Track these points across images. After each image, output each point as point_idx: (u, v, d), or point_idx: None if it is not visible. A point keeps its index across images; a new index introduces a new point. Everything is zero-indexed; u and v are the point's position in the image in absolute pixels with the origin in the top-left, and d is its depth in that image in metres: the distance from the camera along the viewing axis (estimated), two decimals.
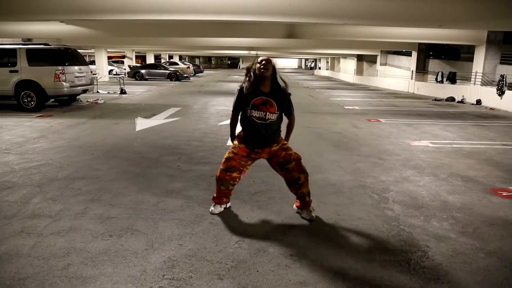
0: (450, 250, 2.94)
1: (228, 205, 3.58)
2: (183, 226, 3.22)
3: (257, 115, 3.16)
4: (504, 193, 4.30)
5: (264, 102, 3.16)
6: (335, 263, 2.68)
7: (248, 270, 2.55)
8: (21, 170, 4.76)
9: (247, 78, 3.21)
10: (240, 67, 65.84)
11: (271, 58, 3.20)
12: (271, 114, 3.17)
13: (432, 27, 12.03)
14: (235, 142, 3.37)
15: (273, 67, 3.18)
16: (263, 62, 3.12)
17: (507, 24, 10.29)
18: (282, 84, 3.24)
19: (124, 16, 10.04)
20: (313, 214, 3.44)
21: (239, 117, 3.32)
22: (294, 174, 3.31)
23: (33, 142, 6.38)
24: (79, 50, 12.31)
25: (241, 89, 3.24)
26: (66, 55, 10.49)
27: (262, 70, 3.12)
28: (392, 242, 3.04)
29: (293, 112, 3.42)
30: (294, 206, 3.56)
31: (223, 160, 3.36)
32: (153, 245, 2.88)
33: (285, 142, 3.41)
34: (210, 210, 3.50)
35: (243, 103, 3.22)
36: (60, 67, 9.94)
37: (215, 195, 3.51)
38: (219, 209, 3.50)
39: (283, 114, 3.32)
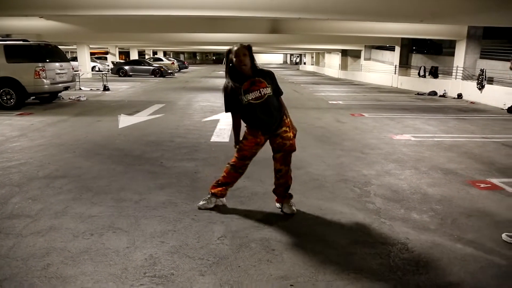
0: (429, 241, 3.00)
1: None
2: (165, 223, 3.21)
3: (253, 97, 3.14)
4: (482, 185, 4.41)
5: (252, 82, 3.15)
6: (316, 257, 2.71)
7: (230, 266, 2.57)
8: None
9: (228, 75, 3.22)
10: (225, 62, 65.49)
11: (244, 45, 3.16)
12: (265, 89, 3.16)
13: (413, 22, 12.21)
14: (246, 133, 3.35)
15: (250, 54, 3.14)
16: (239, 56, 3.09)
17: (486, 19, 10.49)
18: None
19: (105, 11, 9.88)
20: (294, 208, 3.47)
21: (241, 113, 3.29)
22: (277, 164, 3.38)
23: (13, 141, 6.25)
24: (60, 47, 12.08)
25: (225, 87, 3.22)
26: (46, 52, 10.29)
27: (242, 66, 3.11)
28: (373, 235, 3.09)
29: (281, 92, 3.39)
30: (276, 203, 3.57)
31: (239, 152, 3.36)
32: (134, 243, 2.86)
33: (287, 127, 3.34)
34: (202, 205, 3.48)
35: (233, 97, 3.19)
36: (40, 64, 9.76)
37: (219, 188, 3.46)
38: (212, 204, 3.50)
39: (277, 89, 3.31)
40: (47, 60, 10.07)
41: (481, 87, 13.01)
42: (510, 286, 2.49)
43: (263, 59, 71.19)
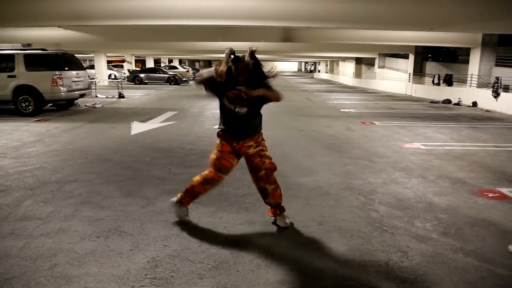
0: (430, 250, 3.00)
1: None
2: (169, 227, 3.29)
3: (231, 108, 3.10)
4: (490, 194, 4.36)
5: (237, 96, 3.05)
6: (314, 263, 2.75)
7: (229, 270, 2.62)
8: (15, 173, 4.84)
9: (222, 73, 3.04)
10: None
11: (250, 58, 3.00)
12: (241, 108, 3.07)
13: (423, 30, 12.14)
14: (218, 141, 3.29)
15: (254, 59, 3.00)
16: (240, 69, 2.99)
17: (498, 26, 10.37)
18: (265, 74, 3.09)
19: (121, 21, 10.15)
20: (287, 221, 3.36)
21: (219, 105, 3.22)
22: (261, 183, 3.24)
23: (29, 146, 6.46)
24: (78, 55, 12.46)
25: (214, 76, 3.07)
26: (64, 60, 10.61)
27: (240, 79, 3.03)
28: (374, 243, 3.10)
29: (272, 86, 3.14)
30: (270, 215, 3.44)
31: (212, 161, 3.25)
32: (138, 245, 2.95)
33: (264, 147, 3.24)
34: (176, 211, 3.38)
35: (217, 90, 3.14)
36: (57, 72, 10.07)
37: (187, 196, 3.33)
38: (185, 212, 3.38)
39: (258, 107, 3.16)
40: (64, 69, 10.39)
41: (496, 95, 12.81)
42: None
43: (277, 67, 71.50)
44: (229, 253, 2.86)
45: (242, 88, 3.04)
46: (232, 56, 3.01)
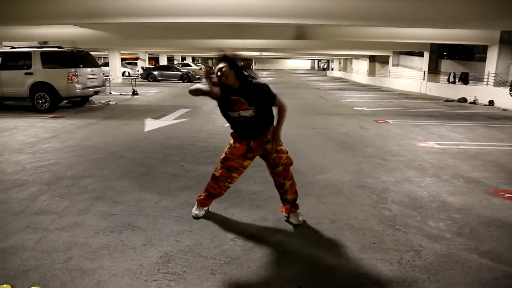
0: (443, 250, 2.96)
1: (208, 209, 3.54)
2: (182, 223, 3.32)
3: (234, 115, 3.10)
4: (506, 195, 4.28)
5: (233, 102, 3.02)
6: (326, 261, 2.75)
7: (241, 266, 2.64)
8: (31, 168, 4.94)
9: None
10: (253, 69, 66.10)
11: (227, 55, 2.99)
12: (245, 111, 3.03)
13: (438, 28, 11.93)
14: (231, 141, 3.33)
15: (233, 65, 2.96)
16: (218, 72, 2.98)
17: None
18: (250, 76, 3.08)
19: (136, 19, 10.24)
20: (300, 219, 3.38)
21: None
22: (279, 179, 3.26)
23: (45, 142, 6.59)
24: (93, 53, 12.63)
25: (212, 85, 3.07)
26: (79, 58, 10.77)
27: (222, 80, 2.99)
28: (386, 242, 3.08)
29: (277, 98, 3.11)
30: (283, 212, 3.46)
31: (221, 160, 3.31)
32: (151, 240, 2.99)
33: (280, 142, 3.26)
34: (194, 213, 3.44)
35: (218, 103, 3.17)
36: (73, 69, 10.22)
37: (202, 195, 3.42)
38: (202, 212, 3.47)
39: (263, 107, 3.11)
40: (80, 66, 10.55)
41: None
42: None
43: (290, 64, 71.34)
44: (241, 250, 2.88)
45: (269, 145, 3.14)
46: (210, 74, 3.04)
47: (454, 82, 17.52)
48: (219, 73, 2.97)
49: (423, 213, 3.68)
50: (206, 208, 3.51)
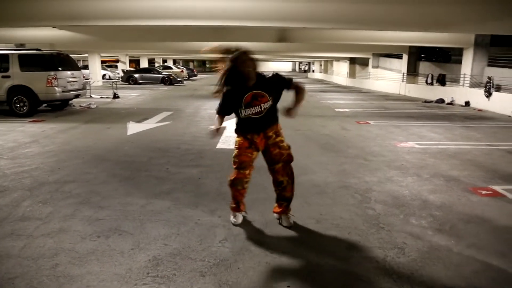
0: (426, 246, 3.06)
1: (245, 212, 3.50)
2: (169, 226, 3.32)
3: (253, 111, 3.08)
4: (484, 192, 4.44)
5: (254, 96, 3.06)
6: (313, 260, 2.80)
7: (230, 268, 2.66)
8: (12, 174, 4.84)
9: (223, 82, 3.08)
10: None
11: (245, 49, 3.06)
12: (266, 104, 3.09)
13: (417, 31, 12.26)
14: (236, 138, 3.28)
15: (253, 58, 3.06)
16: (246, 61, 2.99)
17: (492, 27, 10.51)
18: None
19: (116, 22, 10.13)
20: (291, 221, 3.39)
21: (236, 117, 3.24)
22: (278, 176, 3.28)
23: (25, 147, 6.45)
24: (72, 55, 12.41)
25: (226, 93, 3.12)
26: (59, 60, 10.58)
27: (249, 71, 3.02)
28: (371, 240, 3.16)
29: (292, 81, 3.22)
30: (274, 214, 3.48)
31: (234, 160, 3.24)
32: (139, 245, 2.98)
33: (282, 138, 3.29)
34: (232, 221, 3.40)
35: (231, 105, 3.14)
36: (52, 72, 10.04)
37: (232, 204, 3.42)
38: (240, 217, 3.42)
39: (278, 96, 3.20)
40: (59, 69, 10.35)
41: (488, 94, 12.97)
42: None
43: (271, 67, 71.44)
44: (229, 251, 2.90)
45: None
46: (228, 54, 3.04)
47: (432, 84, 17.99)
48: (248, 59, 3.00)
49: (405, 212, 3.78)
50: (243, 212, 3.47)
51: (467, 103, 14.19)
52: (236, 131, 3.28)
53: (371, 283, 2.52)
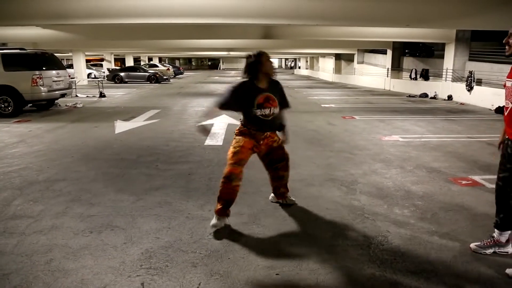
0: (408, 234, 3.21)
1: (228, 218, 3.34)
2: (161, 221, 3.40)
3: (263, 113, 3.23)
4: (464, 182, 4.63)
5: (267, 99, 3.24)
6: (301, 249, 2.92)
7: (220, 258, 2.76)
8: (0, 174, 4.83)
9: (248, 77, 3.29)
10: (221, 68, 65.85)
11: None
12: (275, 108, 3.29)
13: (400, 27, 12.51)
14: (239, 137, 3.31)
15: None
16: (269, 61, 3.33)
17: (471, 23, 10.79)
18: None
19: (100, 20, 10.09)
20: (293, 198, 3.84)
21: (243, 116, 3.34)
22: (281, 172, 3.64)
23: (12, 147, 6.42)
24: (56, 54, 12.28)
25: (238, 86, 3.25)
26: (43, 60, 10.48)
27: (271, 72, 3.37)
28: (356, 229, 3.29)
29: (288, 105, 3.60)
30: (271, 197, 3.88)
31: (231, 155, 3.24)
32: (131, 239, 3.05)
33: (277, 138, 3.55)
34: (212, 224, 3.20)
35: (240, 103, 3.25)
36: (37, 72, 9.94)
37: (219, 206, 3.23)
38: (222, 223, 3.23)
39: (282, 103, 3.44)
40: (44, 68, 10.26)
41: (470, 88, 13.29)
42: (479, 271, 2.68)
43: None
44: (219, 243, 3.00)
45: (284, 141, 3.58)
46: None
47: (415, 79, 18.31)
48: (271, 65, 3.39)
49: (389, 202, 3.93)
50: (226, 218, 3.29)
51: (450, 97, 14.51)
52: (242, 129, 3.35)
53: (355, 269, 2.65)
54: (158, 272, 2.57)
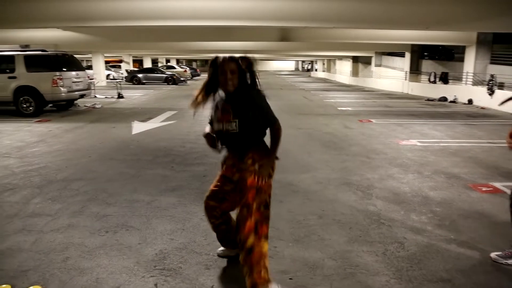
0: (425, 241, 3.14)
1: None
2: (175, 222, 3.42)
3: (217, 127, 2.43)
4: (484, 188, 4.51)
5: (223, 109, 2.37)
6: (315, 254, 2.88)
7: (234, 261, 2.75)
8: (21, 173, 4.95)
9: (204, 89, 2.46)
10: None
11: (234, 58, 2.33)
12: (227, 124, 2.33)
13: (419, 30, 12.29)
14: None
15: (243, 68, 2.33)
16: (226, 73, 2.30)
17: (493, 25, 10.53)
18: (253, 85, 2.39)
19: (120, 23, 10.23)
20: None
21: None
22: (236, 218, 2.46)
23: (33, 146, 6.57)
24: (76, 55, 12.54)
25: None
26: (64, 61, 10.72)
27: (226, 86, 2.33)
28: (371, 235, 3.24)
29: (278, 123, 2.39)
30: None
31: None
32: (146, 239, 3.08)
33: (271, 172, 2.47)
34: (218, 252, 2.85)
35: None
36: (57, 73, 10.18)
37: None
38: (231, 252, 2.78)
39: (253, 124, 2.34)
40: (64, 69, 10.50)
41: (491, 92, 12.99)
42: (499, 282, 2.61)
43: (274, 66, 71.62)
44: None
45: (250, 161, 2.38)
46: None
47: (434, 82, 18.00)
48: (229, 71, 2.29)
49: (406, 208, 3.86)
50: (232, 249, 2.79)
51: (470, 101, 14.20)
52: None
53: (370, 276, 2.60)
54: (172, 274, 2.59)
